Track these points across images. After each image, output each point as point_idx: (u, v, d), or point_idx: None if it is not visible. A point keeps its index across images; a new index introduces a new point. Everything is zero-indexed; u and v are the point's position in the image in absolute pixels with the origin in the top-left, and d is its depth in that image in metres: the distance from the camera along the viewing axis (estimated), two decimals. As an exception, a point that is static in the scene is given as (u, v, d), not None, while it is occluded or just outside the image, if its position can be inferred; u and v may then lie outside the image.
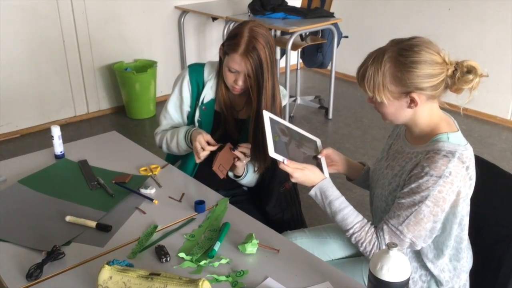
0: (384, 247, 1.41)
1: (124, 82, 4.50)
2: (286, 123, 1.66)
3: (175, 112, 2.02)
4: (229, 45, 1.79)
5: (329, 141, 4.22)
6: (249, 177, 1.96)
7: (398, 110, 1.42)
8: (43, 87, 4.26)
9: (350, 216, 1.48)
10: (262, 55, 1.76)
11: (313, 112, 4.79)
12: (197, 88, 1.97)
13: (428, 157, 1.37)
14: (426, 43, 1.38)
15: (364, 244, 1.44)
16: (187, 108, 2.00)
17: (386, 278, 1.09)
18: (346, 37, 4.60)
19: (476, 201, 1.51)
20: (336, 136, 4.30)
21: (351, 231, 1.46)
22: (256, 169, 1.97)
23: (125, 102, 4.64)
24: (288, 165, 1.49)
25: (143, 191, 1.73)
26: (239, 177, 1.95)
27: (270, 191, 2.02)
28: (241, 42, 1.75)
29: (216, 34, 5.17)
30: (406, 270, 1.10)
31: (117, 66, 4.51)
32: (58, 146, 1.96)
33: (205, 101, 1.96)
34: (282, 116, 1.92)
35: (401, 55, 1.36)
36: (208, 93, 1.95)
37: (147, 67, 4.54)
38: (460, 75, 1.36)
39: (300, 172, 1.50)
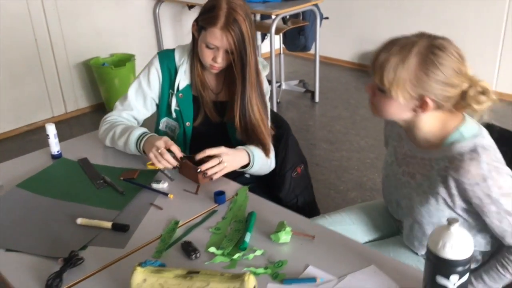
0: None
1: (102, 78, 4.33)
2: None
3: (134, 98, 1.84)
4: (206, 19, 1.63)
5: (319, 124, 4.16)
6: (259, 161, 1.74)
7: (400, 110, 1.29)
8: (17, 89, 4.05)
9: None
10: (244, 28, 1.61)
11: (298, 96, 4.71)
12: (169, 75, 1.82)
13: (456, 169, 1.26)
14: (456, 48, 1.25)
15: None
16: (152, 95, 1.85)
17: (450, 256, 1.01)
18: (327, 18, 4.52)
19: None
20: (325, 119, 4.23)
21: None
22: (264, 152, 1.76)
23: (104, 99, 4.47)
24: None
25: (155, 186, 1.61)
26: (245, 166, 1.74)
27: (282, 177, 1.93)
28: (220, 14, 1.59)
29: (193, 23, 5.02)
30: (470, 246, 1.02)
31: (94, 62, 4.33)
32: (55, 145, 1.82)
33: (180, 88, 1.81)
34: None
35: (432, 52, 1.22)
36: (182, 79, 1.81)
37: (124, 61, 4.38)
38: (474, 93, 1.25)
39: None
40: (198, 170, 1.57)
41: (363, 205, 1.83)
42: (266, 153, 1.78)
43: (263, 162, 1.77)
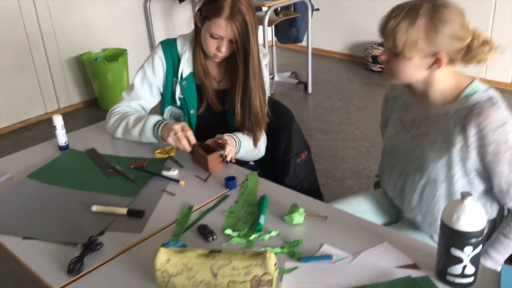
0: None
1: (95, 73, 4.32)
2: None
3: (141, 88, 1.86)
4: (211, 9, 1.66)
5: (313, 115, 4.20)
6: (244, 149, 1.78)
7: (416, 70, 1.38)
8: (9, 85, 4.03)
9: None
10: (247, 17, 1.64)
11: (291, 88, 4.75)
12: (173, 63, 1.85)
13: (478, 114, 1.33)
14: (457, 5, 1.35)
15: None
16: (158, 83, 1.87)
17: (464, 228, 1.05)
18: (318, 9, 4.56)
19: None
20: (319, 109, 4.27)
21: None
22: (253, 140, 1.82)
23: (97, 94, 4.46)
24: None
25: (165, 173, 1.64)
26: None
27: (286, 163, 1.97)
28: (225, 5, 1.62)
29: (184, 16, 5.03)
30: (482, 218, 1.07)
31: (86, 57, 4.32)
32: (62, 136, 1.83)
33: (184, 76, 1.84)
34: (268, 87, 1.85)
35: (437, 11, 1.31)
36: (185, 67, 1.83)
37: (117, 55, 4.37)
38: (477, 44, 1.34)
39: None
40: (222, 153, 1.62)
41: (364, 194, 1.86)
42: (255, 142, 1.82)
43: (249, 149, 1.82)
